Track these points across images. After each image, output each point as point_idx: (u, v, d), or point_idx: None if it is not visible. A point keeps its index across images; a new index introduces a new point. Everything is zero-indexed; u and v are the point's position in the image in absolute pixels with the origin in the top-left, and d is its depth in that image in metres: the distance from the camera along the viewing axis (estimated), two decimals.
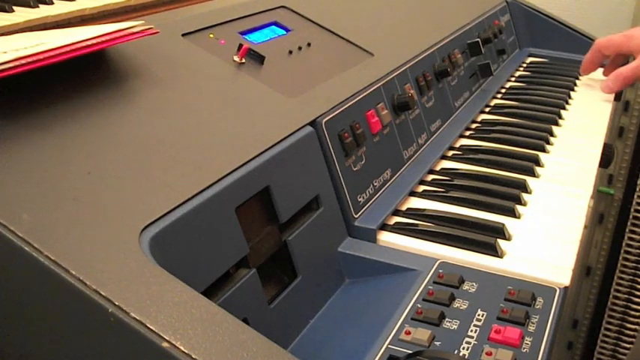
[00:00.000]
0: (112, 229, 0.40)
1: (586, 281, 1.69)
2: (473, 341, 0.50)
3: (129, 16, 0.71)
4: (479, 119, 0.99)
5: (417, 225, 0.66)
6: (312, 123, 0.62)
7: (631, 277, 1.62)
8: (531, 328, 0.51)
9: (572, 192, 0.77)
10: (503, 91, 1.13)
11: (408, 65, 0.84)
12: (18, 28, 0.59)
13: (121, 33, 0.52)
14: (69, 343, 0.37)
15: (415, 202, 0.72)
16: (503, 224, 0.66)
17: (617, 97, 1.19)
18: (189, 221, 0.45)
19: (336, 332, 0.54)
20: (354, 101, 0.69)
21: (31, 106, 0.47)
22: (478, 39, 1.07)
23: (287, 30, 0.77)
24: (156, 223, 0.42)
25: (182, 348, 0.34)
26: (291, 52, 0.73)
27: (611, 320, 1.67)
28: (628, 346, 1.65)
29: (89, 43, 0.48)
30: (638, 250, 1.60)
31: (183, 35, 0.65)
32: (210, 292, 0.45)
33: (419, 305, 0.54)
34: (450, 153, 0.86)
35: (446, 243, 0.63)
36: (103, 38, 0.50)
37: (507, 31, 1.32)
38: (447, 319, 0.52)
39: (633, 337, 1.64)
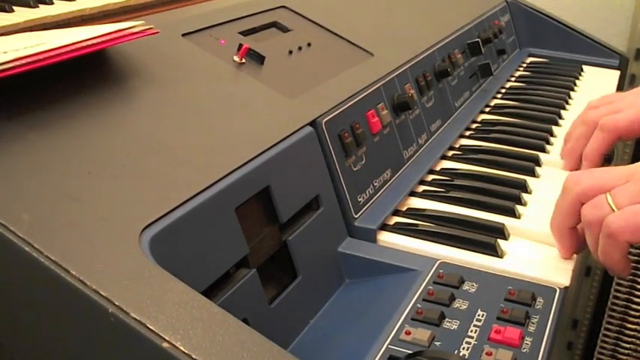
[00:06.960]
0: (112, 229, 0.40)
1: (586, 281, 1.69)
2: (473, 341, 0.50)
3: (129, 16, 0.71)
4: (479, 119, 0.99)
5: (417, 225, 0.66)
6: (312, 123, 0.62)
7: (631, 277, 1.62)
8: (531, 328, 0.51)
9: None
10: (503, 91, 1.13)
11: (408, 65, 0.84)
12: (18, 28, 0.58)
13: (121, 33, 0.52)
14: (69, 343, 0.37)
15: (415, 202, 0.72)
16: (503, 224, 0.66)
17: None
18: (189, 221, 0.45)
19: (336, 332, 0.54)
20: (354, 101, 0.69)
21: (31, 106, 0.47)
22: (478, 39, 1.07)
23: (287, 30, 0.77)
24: (156, 223, 0.42)
25: (182, 348, 0.34)
26: (291, 52, 0.73)
27: (611, 320, 1.66)
28: (628, 346, 1.65)
29: (89, 43, 0.48)
30: (638, 250, 1.60)
31: (183, 35, 0.65)
32: (210, 292, 0.45)
33: (419, 305, 0.53)
34: (450, 153, 0.86)
35: (446, 243, 0.63)
36: (103, 38, 0.50)
37: (507, 31, 1.32)
38: (447, 319, 0.52)
39: (633, 337, 1.64)
